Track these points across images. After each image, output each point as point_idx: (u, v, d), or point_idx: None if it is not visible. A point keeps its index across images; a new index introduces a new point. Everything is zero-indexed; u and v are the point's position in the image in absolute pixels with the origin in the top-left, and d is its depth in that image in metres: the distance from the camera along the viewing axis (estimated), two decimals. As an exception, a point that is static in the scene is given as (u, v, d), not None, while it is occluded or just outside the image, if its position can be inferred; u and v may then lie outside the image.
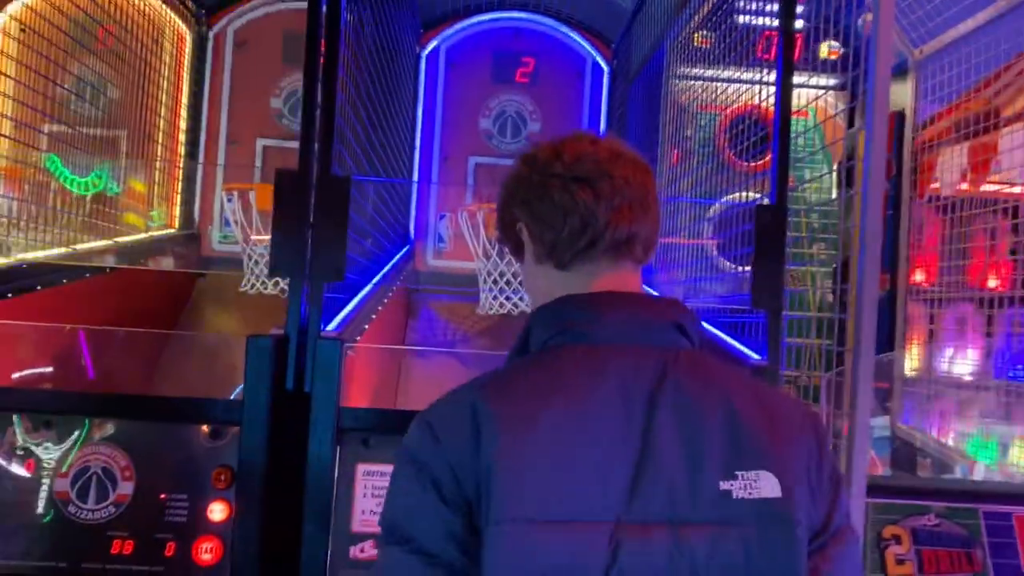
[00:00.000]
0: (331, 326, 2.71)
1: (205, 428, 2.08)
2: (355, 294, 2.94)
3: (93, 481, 1.99)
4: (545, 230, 1.16)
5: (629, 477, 1.00)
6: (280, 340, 2.02)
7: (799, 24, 4.32)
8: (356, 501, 2.03)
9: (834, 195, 2.76)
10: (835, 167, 2.75)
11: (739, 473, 1.04)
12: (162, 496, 2.00)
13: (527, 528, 0.97)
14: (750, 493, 1.03)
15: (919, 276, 3.78)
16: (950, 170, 3.43)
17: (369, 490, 2.03)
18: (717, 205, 3.73)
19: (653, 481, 1.01)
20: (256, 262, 4.22)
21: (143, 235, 4.25)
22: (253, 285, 4.21)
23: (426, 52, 4.77)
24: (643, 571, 0.98)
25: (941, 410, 3.75)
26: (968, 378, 4.03)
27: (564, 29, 4.81)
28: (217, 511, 1.99)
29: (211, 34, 4.77)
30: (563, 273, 1.18)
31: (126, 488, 2.00)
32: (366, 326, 3.18)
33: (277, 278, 4.23)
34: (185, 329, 4.35)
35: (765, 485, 1.04)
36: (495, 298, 4.22)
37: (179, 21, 4.57)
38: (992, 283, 4.18)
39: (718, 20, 3.88)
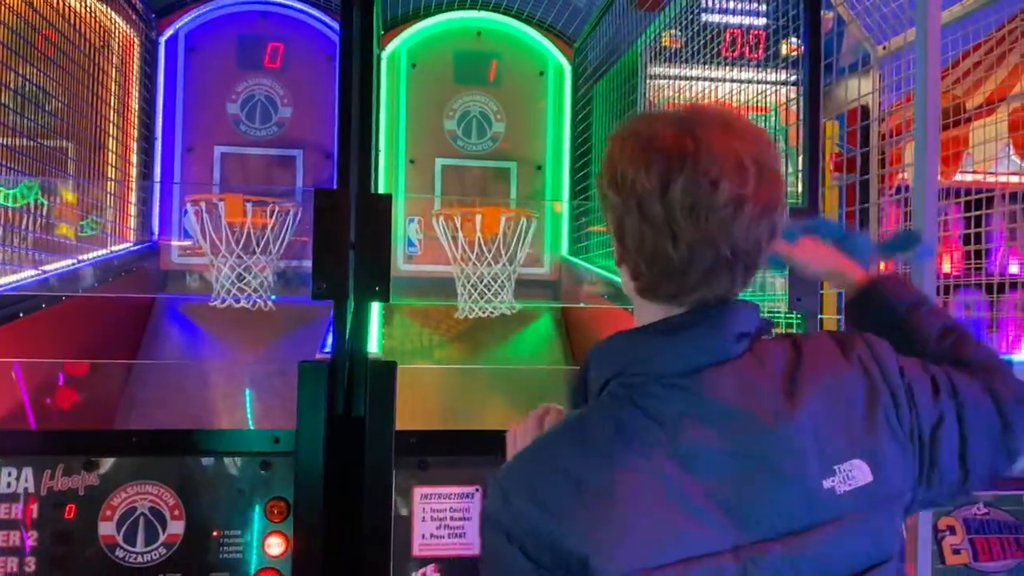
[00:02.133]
0: None
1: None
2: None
3: (141, 522, 1.92)
4: (640, 259, 1.09)
5: (740, 500, 0.99)
6: (331, 364, 1.97)
7: (761, 22, 4.44)
8: (415, 525, 2.01)
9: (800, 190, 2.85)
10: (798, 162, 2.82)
11: (835, 467, 1.04)
12: (215, 533, 1.94)
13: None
14: (849, 485, 1.04)
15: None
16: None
17: (428, 513, 2.01)
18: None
19: (763, 499, 1.00)
20: (227, 276, 4.08)
21: (103, 251, 4.06)
22: (224, 299, 4.07)
23: (387, 54, 4.69)
24: None
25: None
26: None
27: (525, 28, 4.80)
28: (275, 545, 1.94)
29: (161, 40, 4.58)
30: (641, 300, 1.15)
31: (176, 527, 1.94)
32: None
33: (249, 292, 4.11)
34: (151, 348, 4.18)
35: (859, 473, 1.05)
36: (475, 302, 4.19)
37: (125, 26, 4.37)
38: (946, 268, 4.38)
39: (688, 20, 3.94)
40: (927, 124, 1.85)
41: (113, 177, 4.26)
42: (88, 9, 3.95)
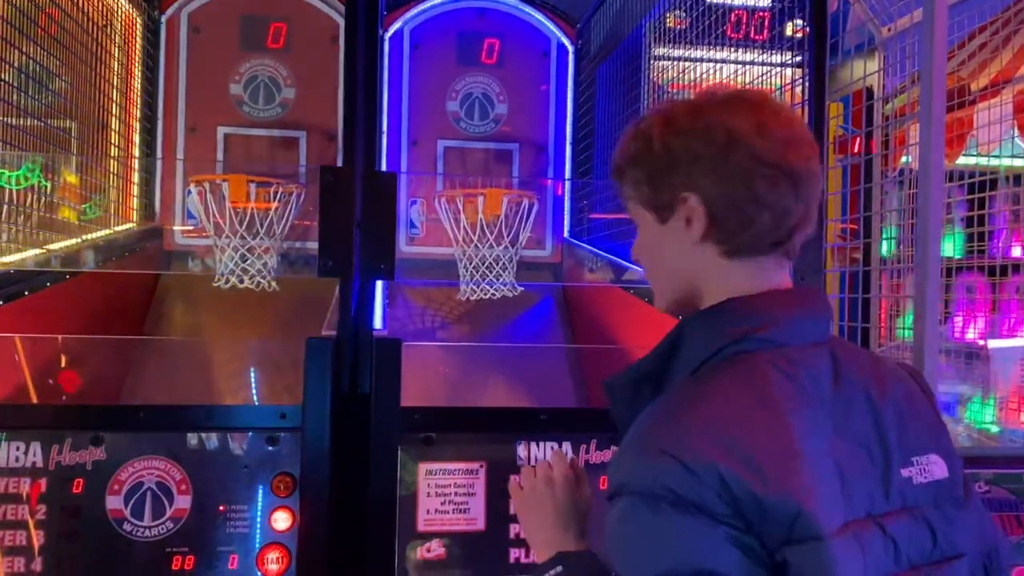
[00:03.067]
0: None
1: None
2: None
3: (148, 497, 1.93)
4: (729, 215, 1.09)
5: (841, 480, 1.01)
6: (337, 342, 1.98)
7: (765, 3, 4.42)
8: (420, 501, 2.03)
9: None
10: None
11: (914, 459, 1.08)
12: (221, 508, 1.96)
13: (845, 539, 0.96)
14: (925, 477, 1.08)
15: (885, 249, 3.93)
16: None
17: (433, 489, 2.02)
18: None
19: (855, 478, 1.02)
20: (231, 256, 4.08)
21: (107, 231, 4.06)
22: (228, 280, 4.08)
23: (389, 34, 4.68)
24: (875, 566, 1.00)
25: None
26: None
27: (528, 9, 4.78)
28: (281, 520, 1.96)
29: (163, 19, 4.56)
30: (727, 261, 1.12)
31: (183, 502, 1.95)
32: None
33: (252, 273, 4.12)
34: (154, 329, 4.19)
35: (936, 468, 1.10)
36: (477, 283, 4.21)
37: (128, 4, 4.35)
38: (948, 251, 4.39)
39: (692, 1, 3.93)
40: (933, 107, 1.85)
41: (116, 157, 4.25)
42: (90, -12, 3.94)
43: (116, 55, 4.26)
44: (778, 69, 3.56)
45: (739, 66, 3.85)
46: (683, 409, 1.02)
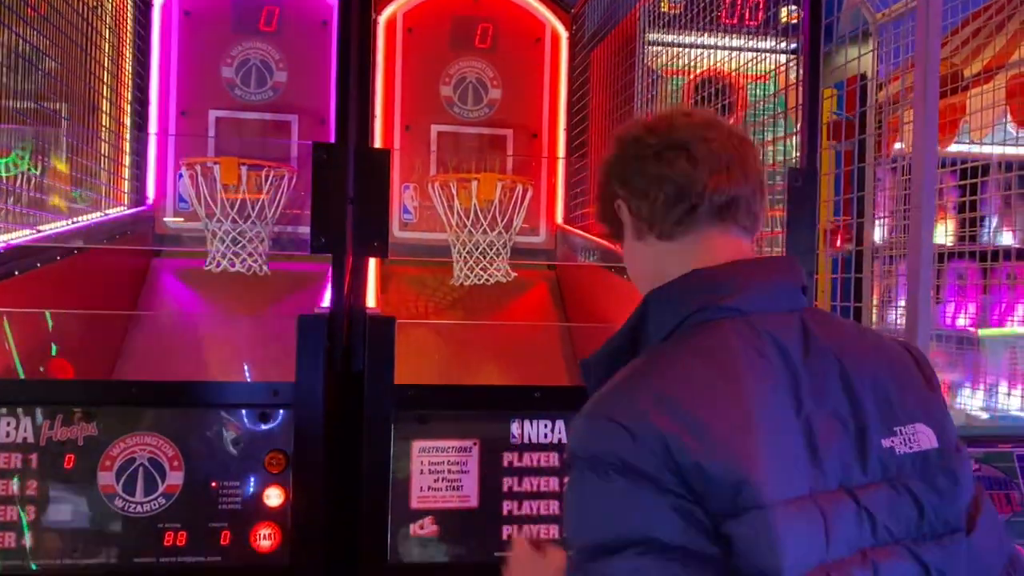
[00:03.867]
0: None
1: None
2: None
3: (140, 473, 1.93)
4: (642, 202, 1.15)
5: (808, 449, 1.00)
6: (330, 319, 1.98)
7: (760, -11, 4.40)
8: (413, 478, 2.03)
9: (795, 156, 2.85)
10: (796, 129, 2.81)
11: (897, 428, 1.06)
12: (213, 484, 1.95)
13: (790, 507, 0.95)
14: (911, 447, 1.06)
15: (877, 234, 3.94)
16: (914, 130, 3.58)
17: (426, 467, 2.02)
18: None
19: (827, 448, 1.01)
20: (221, 239, 4.07)
21: (98, 214, 4.04)
22: (219, 263, 4.07)
23: (383, 18, 4.65)
24: (844, 538, 0.98)
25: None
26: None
27: (522, -6, 4.76)
28: (273, 496, 1.96)
29: (156, 1, 4.52)
30: (668, 244, 1.15)
31: (175, 478, 1.95)
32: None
33: (244, 257, 4.11)
34: (146, 310, 4.18)
35: (923, 437, 1.07)
36: (470, 269, 4.20)
37: (119, -14, 4.32)
38: (939, 239, 4.40)
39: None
40: (927, 93, 1.85)
41: (107, 140, 4.22)
42: (80, -31, 3.90)
43: (107, 37, 4.23)
44: (771, 54, 3.56)
45: (732, 51, 3.85)
46: (636, 377, 1.03)
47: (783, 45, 3.47)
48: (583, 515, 0.97)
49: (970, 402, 4.10)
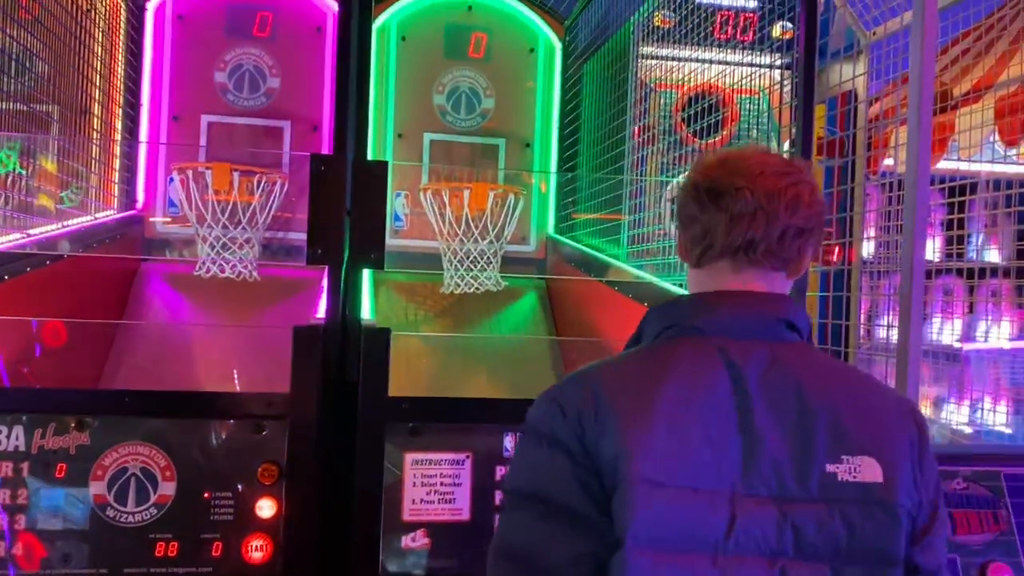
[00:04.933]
0: None
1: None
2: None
3: (132, 483, 1.92)
4: (682, 233, 1.33)
5: (741, 455, 1.12)
6: (326, 330, 1.98)
7: (752, 4, 4.45)
8: (406, 491, 2.03)
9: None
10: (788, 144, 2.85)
11: (844, 457, 1.14)
12: (206, 495, 1.95)
13: (657, 490, 1.09)
14: (854, 476, 1.14)
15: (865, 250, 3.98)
16: (904, 149, 3.61)
17: (418, 479, 2.03)
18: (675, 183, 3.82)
19: (762, 460, 1.12)
20: (212, 245, 4.06)
21: (87, 217, 4.02)
22: (209, 268, 4.06)
23: (377, 26, 4.66)
24: (755, 540, 1.09)
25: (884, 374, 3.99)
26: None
27: (516, 4, 4.78)
28: (265, 508, 1.96)
29: (149, 5, 4.51)
30: (697, 271, 1.33)
31: (167, 488, 1.95)
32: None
33: (234, 262, 4.10)
34: (134, 316, 4.15)
35: (868, 470, 1.15)
36: (460, 277, 4.21)
37: (112, -10, 4.30)
38: (929, 255, 4.45)
39: (679, 1, 3.95)
40: (920, 111, 1.87)
41: (98, 141, 4.21)
42: (74, -29, 3.89)
43: (100, 40, 4.21)
44: (764, 70, 3.59)
45: (725, 67, 3.88)
46: (589, 370, 1.23)
47: (776, 61, 3.51)
48: (516, 467, 1.25)
49: (954, 417, 4.14)
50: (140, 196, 4.53)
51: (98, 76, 4.19)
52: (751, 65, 3.63)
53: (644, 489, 1.09)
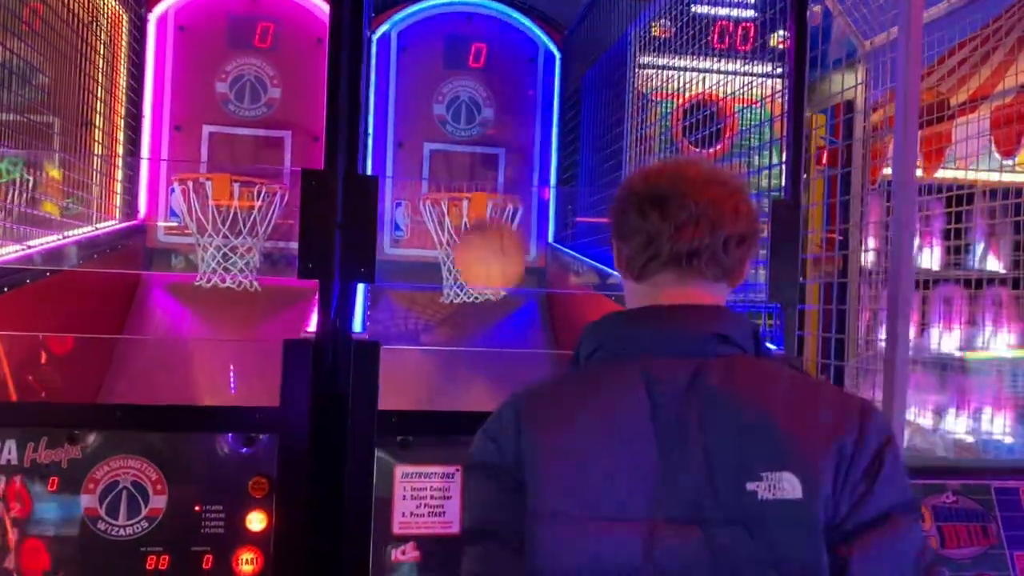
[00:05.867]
0: None
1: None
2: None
3: (123, 496, 1.93)
4: (622, 246, 1.30)
5: (658, 479, 1.10)
6: (316, 344, 1.99)
7: (749, 14, 4.46)
8: (396, 503, 2.03)
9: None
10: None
11: (764, 474, 1.11)
12: (197, 508, 1.96)
13: (564, 522, 1.09)
14: (774, 494, 1.10)
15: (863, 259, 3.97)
16: (901, 158, 3.61)
17: (408, 492, 2.03)
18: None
19: (681, 482, 1.10)
20: (213, 255, 4.08)
21: (88, 228, 4.04)
22: (209, 278, 4.08)
23: (377, 36, 4.69)
24: (677, 568, 1.07)
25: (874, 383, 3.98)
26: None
27: (515, 15, 4.80)
28: (256, 521, 1.97)
29: (151, 17, 4.55)
30: (637, 285, 1.30)
31: (159, 502, 1.95)
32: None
33: (234, 272, 4.12)
34: (136, 326, 4.18)
35: (788, 486, 1.11)
36: (461, 287, 4.22)
37: (114, 2, 4.34)
38: (926, 264, 4.44)
39: (678, 11, 3.96)
40: (907, 122, 1.88)
41: (99, 154, 4.24)
42: (76, -17, 3.92)
43: (101, 52, 4.25)
44: (762, 80, 3.60)
45: (723, 76, 3.89)
46: (517, 395, 1.23)
47: (772, 70, 3.51)
48: (466, 504, 1.26)
49: (955, 426, 4.13)
50: (142, 207, 4.56)
51: (100, 88, 4.22)
52: (748, 75, 3.64)
53: (548, 522, 1.10)
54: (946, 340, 4.40)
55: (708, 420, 1.12)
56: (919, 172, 3.66)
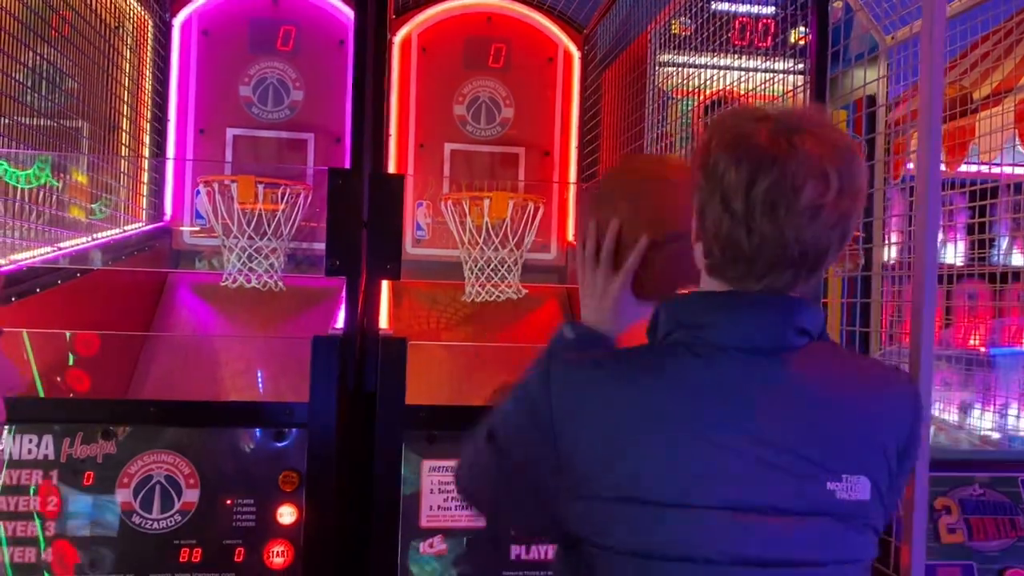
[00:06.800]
0: None
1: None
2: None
3: (157, 490, 1.98)
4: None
5: (743, 469, 1.08)
6: (344, 340, 2.02)
7: (770, 11, 4.45)
8: (423, 497, 2.06)
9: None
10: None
11: (844, 476, 1.11)
12: (228, 502, 2.00)
13: (637, 508, 1.07)
14: (850, 495, 1.11)
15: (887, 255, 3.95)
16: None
17: (436, 486, 2.06)
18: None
19: (765, 475, 1.08)
20: (238, 256, 4.13)
21: (116, 230, 4.11)
22: (235, 279, 4.13)
23: (398, 39, 4.72)
24: (755, 555, 1.07)
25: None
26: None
27: (535, 15, 4.82)
28: (286, 514, 2.00)
29: (176, 22, 4.61)
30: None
31: (191, 496, 1.99)
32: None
33: (260, 272, 4.17)
34: (163, 326, 4.24)
35: (862, 489, 1.12)
36: (481, 285, 4.24)
37: (139, 7, 4.40)
38: (950, 259, 4.40)
39: (698, 8, 3.96)
40: (932, 115, 1.87)
41: (126, 158, 4.30)
42: (103, -10, 3.99)
43: (127, 57, 4.31)
44: (781, 76, 3.59)
45: (743, 73, 3.89)
46: (584, 357, 1.21)
47: (793, 66, 3.51)
48: (505, 399, 1.23)
49: (981, 423, 4.10)
50: (168, 209, 4.63)
51: (126, 92, 4.29)
52: (768, 71, 3.64)
53: (623, 505, 1.08)
54: (971, 335, 4.37)
55: (788, 415, 1.11)
56: (942, 167, 3.66)
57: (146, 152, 4.55)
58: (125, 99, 4.27)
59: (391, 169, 4.62)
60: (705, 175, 1.14)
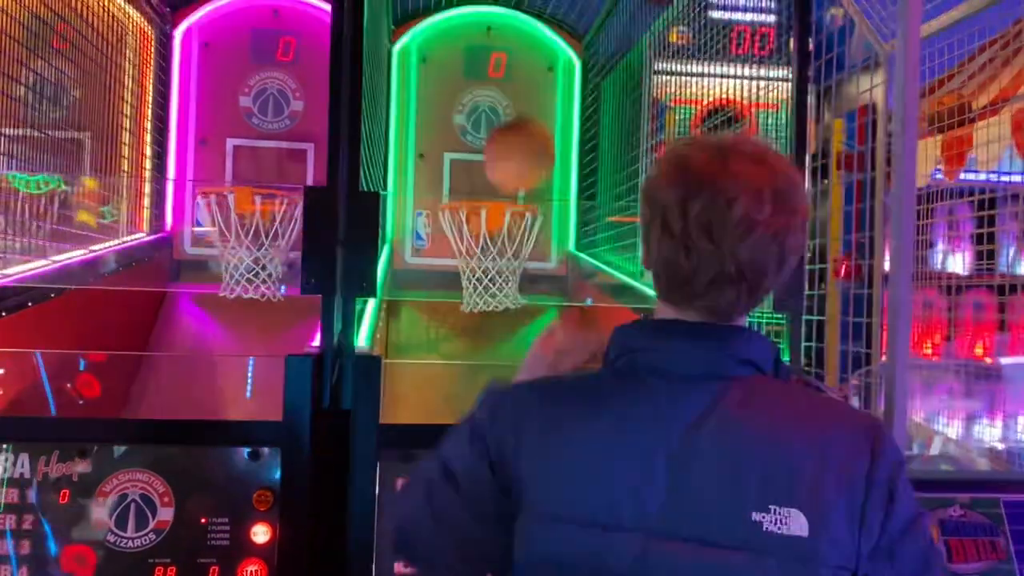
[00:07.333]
0: None
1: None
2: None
3: (132, 508, 1.97)
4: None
5: (662, 495, 1.08)
6: (318, 358, 2.02)
7: (769, 19, 4.42)
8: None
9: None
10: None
11: (772, 507, 1.08)
12: (203, 520, 1.99)
13: (556, 525, 1.10)
14: (779, 528, 1.07)
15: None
16: (923, 162, 3.56)
17: (411, 505, 2.03)
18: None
19: (685, 502, 1.08)
20: (236, 267, 4.15)
21: (116, 240, 4.14)
22: (233, 290, 4.15)
23: (397, 48, 4.73)
24: None
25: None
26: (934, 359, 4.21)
27: (535, 23, 4.82)
28: (260, 533, 1.99)
29: (176, 34, 4.64)
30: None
31: (166, 514, 1.99)
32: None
33: (258, 283, 4.18)
34: (162, 336, 4.26)
35: (795, 524, 1.08)
36: (479, 295, 4.23)
37: (141, 20, 4.44)
38: (956, 268, 4.36)
39: (694, 16, 3.94)
40: (905, 133, 1.85)
41: (127, 169, 4.34)
42: (105, 3, 4.02)
43: (129, 70, 4.34)
44: (781, 83, 3.57)
45: (741, 80, 3.86)
46: (527, 382, 1.26)
47: (790, 73, 3.47)
48: (443, 443, 1.27)
49: (987, 434, 4.04)
50: (169, 220, 4.65)
51: (127, 104, 4.32)
52: (763, 79, 3.62)
53: (538, 525, 1.11)
54: (976, 345, 4.32)
55: (720, 445, 1.10)
56: (940, 176, 3.62)
57: (147, 163, 4.59)
58: (126, 112, 4.31)
59: (391, 179, 4.63)
60: (649, 202, 1.16)
